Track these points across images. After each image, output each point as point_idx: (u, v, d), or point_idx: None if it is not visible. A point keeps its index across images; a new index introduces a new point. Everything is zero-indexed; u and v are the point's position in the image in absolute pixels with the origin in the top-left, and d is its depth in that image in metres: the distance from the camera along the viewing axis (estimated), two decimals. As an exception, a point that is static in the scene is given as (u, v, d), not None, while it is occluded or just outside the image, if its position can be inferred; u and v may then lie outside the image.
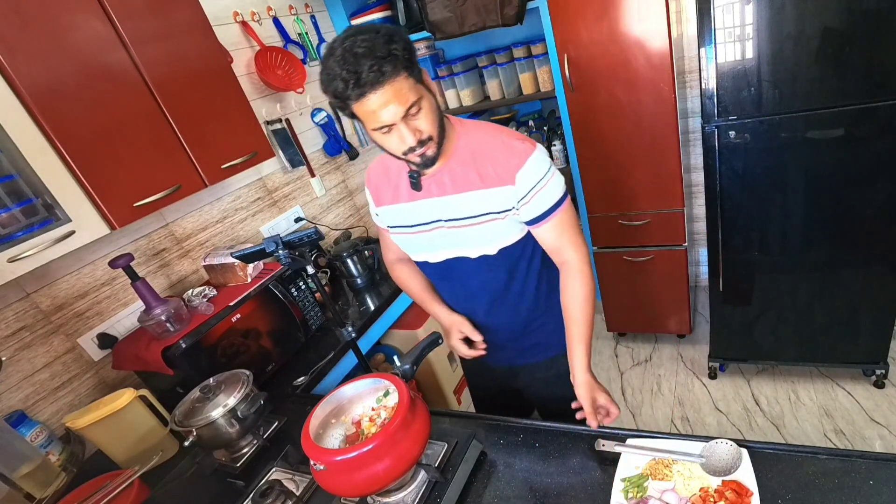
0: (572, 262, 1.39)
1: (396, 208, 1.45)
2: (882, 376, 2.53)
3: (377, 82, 1.08)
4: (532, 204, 1.30)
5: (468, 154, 1.31)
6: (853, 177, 2.07)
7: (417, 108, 1.15)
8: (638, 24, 2.30)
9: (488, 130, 1.33)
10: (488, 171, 1.29)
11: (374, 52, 1.06)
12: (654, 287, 2.99)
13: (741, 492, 1.02)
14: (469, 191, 1.31)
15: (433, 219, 1.39)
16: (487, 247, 1.38)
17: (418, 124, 1.18)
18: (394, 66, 1.08)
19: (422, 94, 1.16)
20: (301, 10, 2.81)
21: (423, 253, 1.49)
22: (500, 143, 1.29)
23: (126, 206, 1.62)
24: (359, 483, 1.07)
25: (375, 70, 1.06)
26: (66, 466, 1.66)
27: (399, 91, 1.11)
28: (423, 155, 1.23)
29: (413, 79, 1.14)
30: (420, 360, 1.30)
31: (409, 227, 1.45)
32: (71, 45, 1.51)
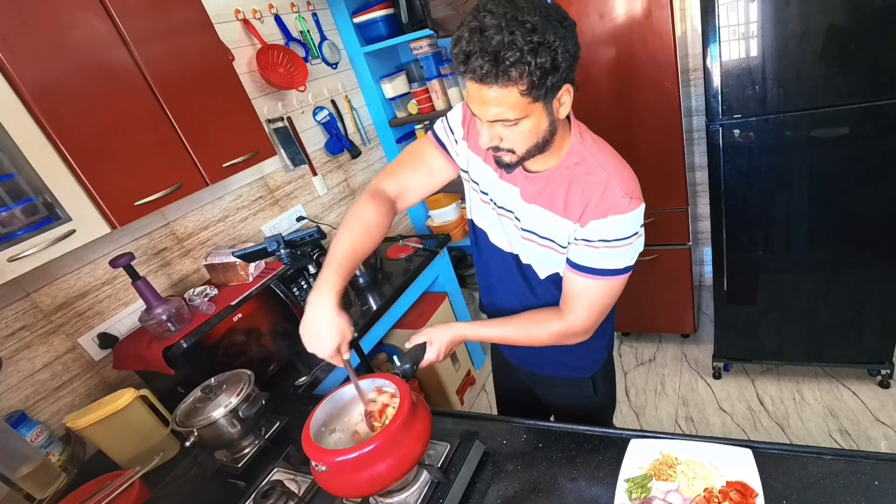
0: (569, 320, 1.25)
1: (482, 166, 1.31)
2: (887, 376, 2.51)
3: (479, 78, 0.97)
4: (581, 251, 1.17)
5: (568, 176, 1.17)
6: (858, 175, 2.06)
7: (514, 123, 1.04)
8: (642, 22, 2.28)
9: (604, 163, 1.17)
10: (575, 202, 1.16)
11: (500, 48, 0.92)
12: (658, 286, 2.97)
13: (746, 492, 1.01)
14: (545, 209, 1.21)
15: (509, 208, 1.29)
16: (539, 269, 1.31)
17: (504, 133, 1.08)
18: (508, 77, 0.95)
19: (529, 114, 1.03)
20: (303, 8, 2.80)
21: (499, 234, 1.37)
22: (604, 184, 1.13)
23: (127, 205, 1.61)
24: (360, 484, 1.06)
25: (490, 71, 0.94)
26: (67, 467, 1.66)
27: (499, 100, 0.99)
28: (499, 158, 1.14)
29: (529, 98, 0.99)
30: (419, 360, 1.29)
31: (488, 197, 1.33)
32: (71, 43, 1.50)
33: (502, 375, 1.81)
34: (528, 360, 1.59)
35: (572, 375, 1.53)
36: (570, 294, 1.24)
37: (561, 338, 1.28)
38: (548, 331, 1.28)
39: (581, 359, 1.50)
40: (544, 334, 1.28)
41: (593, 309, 1.23)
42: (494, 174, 1.29)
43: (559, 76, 0.99)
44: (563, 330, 1.26)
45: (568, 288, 1.25)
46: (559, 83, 1.02)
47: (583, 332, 1.27)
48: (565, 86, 1.05)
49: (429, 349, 1.29)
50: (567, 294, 1.25)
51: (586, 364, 1.51)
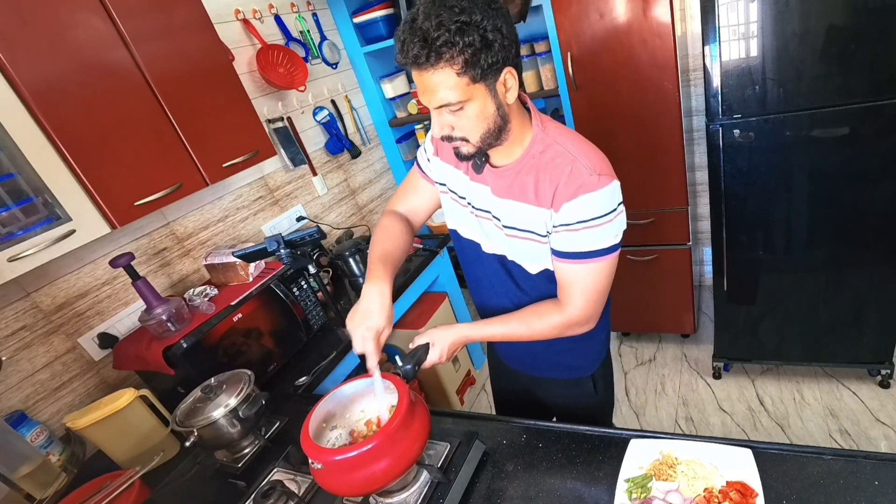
0: (568, 311, 1.24)
1: (454, 172, 1.34)
2: (887, 376, 2.51)
3: (416, 64, 1.01)
4: (563, 237, 1.16)
5: (535, 165, 1.18)
6: (858, 175, 2.06)
7: (459, 107, 1.06)
8: (642, 22, 2.28)
9: (568, 145, 1.16)
10: (545, 188, 1.16)
11: (428, 34, 0.96)
12: (658, 286, 2.97)
13: (746, 492, 1.01)
14: (518, 201, 1.21)
15: (486, 209, 1.29)
16: (530, 264, 1.29)
17: (452, 121, 1.10)
18: (440, 57, 0.98)
19: (472, 97, 1.04)
20: (303, 8, 2.80)
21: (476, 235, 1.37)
22: (570, 166, 1.13)
23: (127, 205, 1.61)
24: (357, 483, 1.06)
25: (420, 56, 0.99)
26: (67, 467, 1.66)
27: (438, 84, 1.02)
28: (457, 150, 1.16)
29: (467, 78, 1.01)
30: (422, 361, 1.29)
31: (465, 201, 1.34)
32: (71, 43, 1.50)
33: (500, 379, 1.80)
34: (526, 363, 1.58)
35: (573, 376, 1.52)
36: (563, 283, 1.24)
37: (564, 329, 1.26)
38: (550, 323, 1.26)
39: (580, 359, 1.50)
40: (547, 327, 1.27)
41: (589, 294, 1.22)
42: (466, 177, 1.31)
43: (493, 55, 1.01)
44: (565, 321, 1.25)
45: (560, 278, 1.24)
46: (497, 64, 1.03)
47: (585, 320, 1.26)
48: (506, 68, 1.06)
49: (431, 350, 1.28)
50: (561, 284, 1.25)
51: (586, 363, 1.51)
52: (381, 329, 1.22)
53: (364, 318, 1.22)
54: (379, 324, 1.21)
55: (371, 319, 1.21)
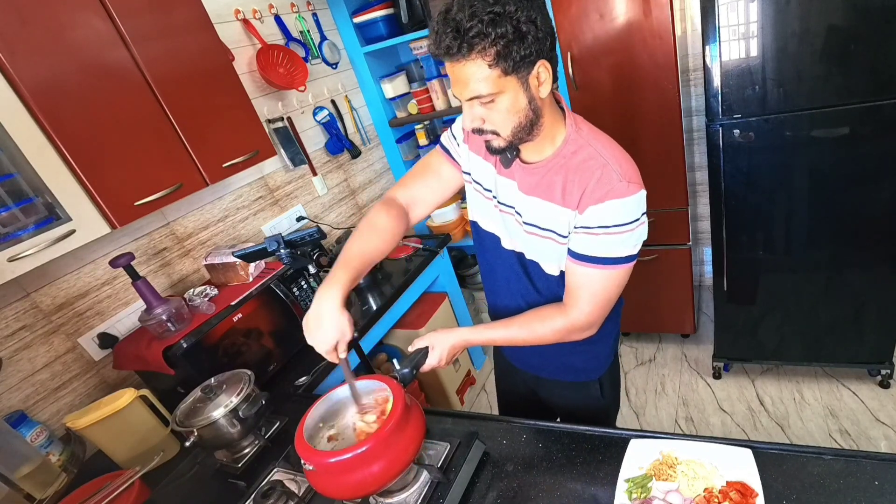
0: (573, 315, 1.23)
1: (482, 164, 1.33)
2: (887, 376, 2.51)
3: (448, 55, 1.02)
4: (582, 239, 1.16)
5: (565, 165, 1.17)
6: (858, 175, 2.06)
7: (490, 100, 1.06)
8: (642, 22, 2.28)
9: (600, 148, 1.15)
10: (573, 189, 1.15)
11: (461, 25, 0.97)
12: (658, 286, 2.97)
13: (746, 492, 1.01)
14: (544, 199, 1.20)
15: (510, 204, 1.28)
16: (545, 264, 1.28)
17: (483, 114, 1.10)
18: (472, 48, 0.99)
19: (504, 89, 1.05)
20: (303, 8, 2.80)
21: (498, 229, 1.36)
22: (601, 168, 1.12)
23: (127, 205, 1.61)
24: (351, 485, 1.06)
25: (452, 46, 0.99)
26: (67, 467, 1.66)
27: (469, 76, 1.03)
28: (488, 143, 1.17)
29: (499, 70, 1.01)
30: (420, 365, 1.29)
31: (491, 193, 1.33)
32: (71, 43, 1.50)
33: (505, 379, 1.79)
34: (533, 364, 1.57)
35: (580, 378, 1.51)
36: (572, 286, 1.22)
37: (566, 333, 1.25)
38: (552, 327, 1.25)
39: (589, 361, 1.48)
40: (549, 331, 1.26)
41: (597, 300, 1.21)
42: (494, 170, 1.30)
43: (527, 47, 1.00)
44: (568, 325, 1.24)
45: (570, 280, 1.23)
46: (529, 56, 1.02)
47: (587, 326, 1.24)
48: (540, 61, 1.05)
49: (431, 354, 1.28)
50: (569, 286, 1.23)
51: (594, 366, 1.49)
52: (332, 343, 1.18)
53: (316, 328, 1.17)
54: (329, 338, 1.17)
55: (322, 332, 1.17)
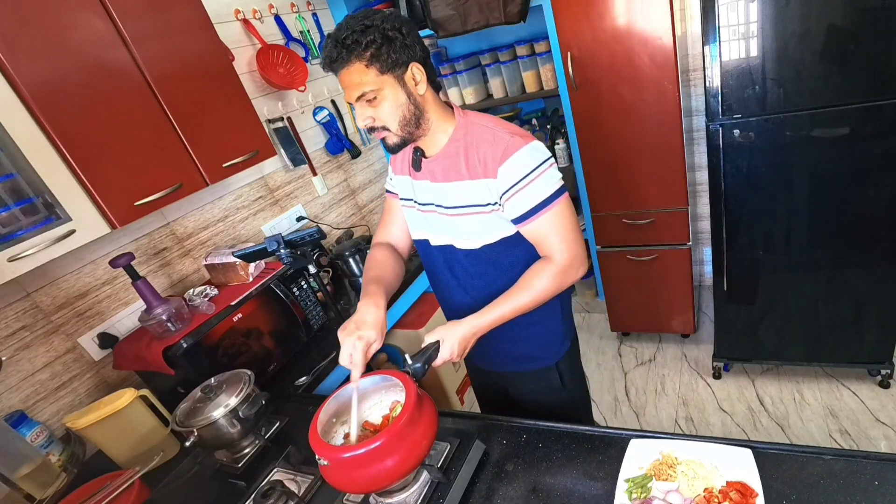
0: (557, 259, 1.31)
1: (403, 180, 1.49)
2: (887, 376, 2.51)
3: (332, 63, 1.19)
4: (515, 200, 1.27)
5: (461, 145, 1.31)
6: (858, 175, 2.06)
7: (373, 96, 1.21)
8: (642, 22, 2.29)
9: (486, 122, 1.32)
10: (475, 162, 1.29)
11: (339, 37, 1.16)
12: (658, 286, 2.97)
13: (746, 492, 1.01)
14: (455, 181, 1.33)
15: (429, 201, 1.41)
16: (472, 240, 1.38)
17: (371, 112, 1.24)
18: (351, 52, 1.16)
19: (383, 86, 1.20)
20: (303, 8, 2.80)
21: (424, 231, 1.49)
22: (490, 134, 1.28)
23: (127, 205, 1.61)
24: (364, 480, 1.06)
25: (333, 53, 1.17)
26: (67, 467, 1.66)
27: (352, 78, 1.19)
28: (383, 139, 1.30)
29: (375, 69, 1.18)
30: (432, 360, 1.29)
31: (412, 202, 1.48)
32: (71, 43, 1.50)
33: (478, 382, 1.85)
34: (496, 361, 1.61)
35: (538, 366, 1.57)
36: (539, 240, 1.32)
37: (562, 276, 1.32)
38: (549, 275, 1.31)
39: (542, 347, 1.55)
40: (547, 281, 1.32)
41: (565, 237, 1.30)
42: (409, 178, 1.45)
43: (396, 50, 1.19)
44: (559, 267, 1.31)
45: (534, 238, 1.33)
46: (400, 58, 1.20)
47: (575, 261, 1.33)
48: (412, 63, 1.23)
49: (442, 347, 1.29)
50: (538, 243, 1.33)
51: (549, 353, 1.55)
52: (372, 340, 1.28)
53: (357, 327, 1.27)
54: (371, 335, 1.27)
55: (364, 329, 1.27)
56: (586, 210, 2.99)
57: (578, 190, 2.98)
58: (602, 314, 3.64)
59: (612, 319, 3.32)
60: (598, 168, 2.77)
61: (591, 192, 2.87)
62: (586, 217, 3.03)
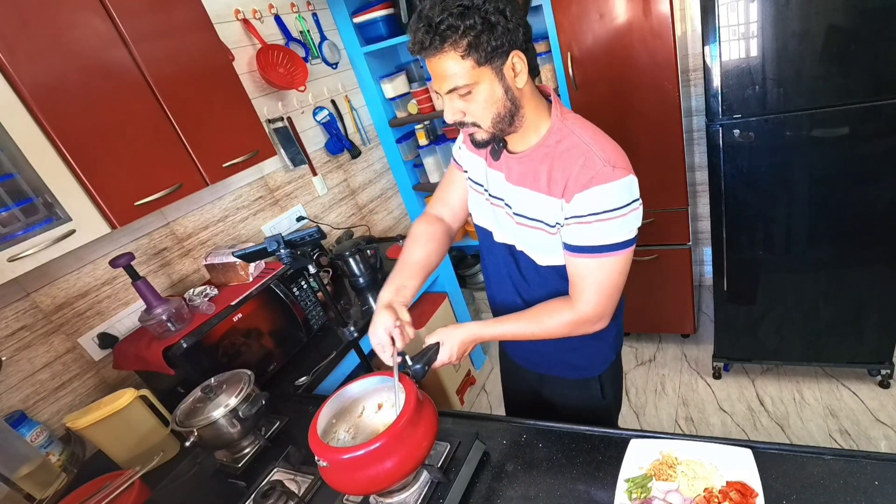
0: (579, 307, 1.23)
1: (477, 160, 1.38)
2: (887, 376, 2.51)
3: (424, 50, 1.06)
4: (575, 230, 1.15)
5: (549, 154, 1.18)
6: (858, 175, 2.06)
7: (467, 91, 1.09)
8: (642, 22, 2.28)
9: (585, 136, 1.16)
10: (557, 177, 1.16)
11: (433, 20, 1.02)
12: (658, 286, 2.97)
13: (746, 492, 1.01)
14: (529, 189, 1.22)
15: (500, 196, 1.31)
16: (537, 255, 1.29)
17: (462, 106, 1.13)
18: (445, 40, 1.03)
19: (480, 79, 1.07)
20: (303, 8, 2.80)
21: (490, 222, 1.39)
22: (584, 154, 1.13)
23: (127, 205, 1.61)
24: (364, 481, 1.06)
25: (425, 40, 1.04)
26: (67, 467, 1.66)
27: (446, 68, 1.06)
28: (472, 136, 1.19)
29: (472, 60, 1.05)
30: (432, 361, 1.29)
31: (482, 188, 1.37)
32: (71, 43, 1.50)
33: (510, 377, 1.80)
34: (535, 361, 1.58)
35: (580, 376, 1.50)
36: (575, 279, 1.22)
37: (575, 326, 1.24)
38: (561, 320, 1.24)
39: (588, 358, 1.48)
40: (557, 324, 1.25)
41: (602, 290, 1.20)
42: (484, 163, 1.34)
43: (497, 37, 1.04)
44: (576, 318, 1.23)
45: (571, 273, 1.22)
46: (501, 47, 1.05)
47: (596, 317, 1.23)
48: (514, 52, 1.08)
49: (441, 350, 1.28)
50: (572, 280, 1.23)
51: (594, 364, 1.48)
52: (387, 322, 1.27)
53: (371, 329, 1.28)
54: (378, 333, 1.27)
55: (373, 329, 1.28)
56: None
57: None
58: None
59: (612, 319, 3.30)
60: (598, 168, 2.76)
61: (591, 192, 2.86)
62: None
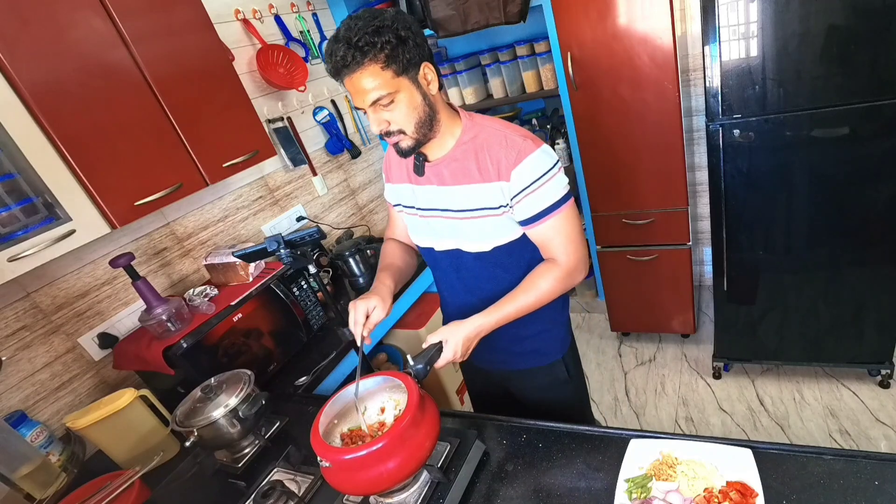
0: (562, 261, 1.35)
1: (402, 188, 1.48)
2: (887, 376, 2.51)
3: (344, 67, 1.14)
4: (526, 203, 1.28)
5: (470, 147, 1.31)
6: (858, 175, 2.06)
7: (390, 100, 1.18)
8: (642, 22, 2.29)
9: (496, 126, 1.31)
10: (486, 165, 1.28)
11: (351, 39, 1.11)
12: (658, 286, 2.97)
13: (746, 492, 1.01)
14: (466, 184, 1.32)
15: (432, 206, 1.41)
16: (482, 243, 1.38)
17: (387, 116, 1.22)
18: (365, 55, 1.12)
19: (399, 88, 1.18)
20: (303, 8, 2.80)
21: (427, 238, 1.49)
22: (503, 138, 1.28)
23: (127, 205, 1.61)
24: (366, 481, 1.06)
25: (347, 56, 1.12)
26: (67, 467, 1.66)
27: (367, 81, 1.15)
28: (396, 144, 1.28)
29: (391, 71, 1.15)
30: (434, 360, 1.29)
31: (413, 209, 1.47)
32: (71, 43, 1.50)
33: (475, 383, 1.85)
34: (500, 360, 1.60)
35: (547, 362, 1.58)
36: (545, 243, 1.35)
37: (566, 279, 1.35)
38: (552, 278, 1.34)
39: (550, 343, 1.57)
40: (552, 283, 1.34)
41: (571, 240, 1.34)
42: (410, 186, 1.45)
43: (409, 50, 1.16)
44: (564, 270, 1.35)
45: (540, 241, 1.36)
46: (414, 59, 1.18)
47: (579, 264, 1.36)
48: (423, 63, 1.21)
49: (445, 348, 1.30)
50: (543, 246, 1.37)
51: (555, 346, 1.57)
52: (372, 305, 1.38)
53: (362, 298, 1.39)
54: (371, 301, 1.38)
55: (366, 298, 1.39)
56: (586, 210, 2.99)
57: (578, 190, 2.98)
58: (602, 314, 3.64)
59: (612, 319, 3.31)
60: (598, 168, 2.77)
61: (591, 192, 2.87)
62: (586, 217, 3.03)
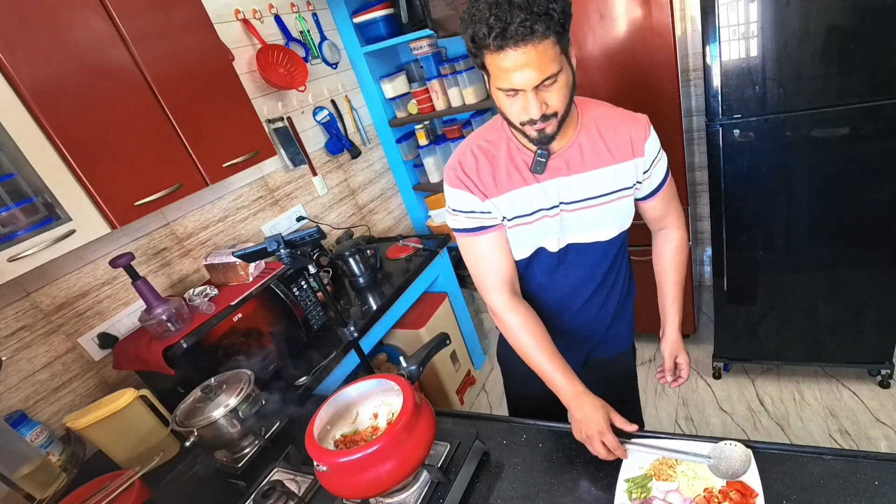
0: (674, 228, 1.42)
1: (515, 195, 1.25)
2: (887, 376, 2.51)
3: (522, 40, 0.97)
4: (654, 174, 1.29)
5: (593, 131, 1.23)
6: (858, 175, 2.06)
7: (554, 80, 1.04)
8: (642, 22, 2.28)
9: (601, 104, 1.29)
10: (617, 144, 1.23)
11: (531, 6, 0.95)
12: (658, 286, 2.97)
13: (746, 492, 1.01)
14: (600, 167, 1.23)
15: (554, 203, 1.26)
16: (605, 230, 1.31)
17: (548, 97, 1.07)
18: (546, 26, 0.96)
19: (563, 66, 1.05)
20: (303, 8, 2.80)
21: (543, 240, 1.31)
22: (623, 114, 1.26)
23: (127, 205, 1.61)
24: (362, 485, 1.06)
25: (526, 26, 0.95)
26: (67, 467, 1.66)
27: (542, 56, 1.00)
28: (542, 131, 1.11)
29: (560, 47, 1.02)
30: (427, 361, 1.28)
31: (528, 216, 1.27)
32: (71, 43, 1.50)
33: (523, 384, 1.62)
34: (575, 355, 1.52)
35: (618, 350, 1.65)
36: (665, 210, 1.38)
37: (684, 241, 1.43)
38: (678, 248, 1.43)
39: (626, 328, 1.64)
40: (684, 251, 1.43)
41: (677, 205, 1.40)
42: (528, 189, 1.25)
43: (569, 21, 1.03)
44: (678, 234, 1.43)
45: (662, 208, 1.38)
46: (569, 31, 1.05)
47: (685, 224, 1.43)
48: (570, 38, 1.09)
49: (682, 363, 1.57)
50: (663, 214, 1.39)
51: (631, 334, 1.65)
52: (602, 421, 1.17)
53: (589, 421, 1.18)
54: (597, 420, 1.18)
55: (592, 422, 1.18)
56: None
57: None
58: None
59: (612, 319, 3.30)
60: (598, 168, 2.76)
61: (591, 192, 2.86)
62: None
